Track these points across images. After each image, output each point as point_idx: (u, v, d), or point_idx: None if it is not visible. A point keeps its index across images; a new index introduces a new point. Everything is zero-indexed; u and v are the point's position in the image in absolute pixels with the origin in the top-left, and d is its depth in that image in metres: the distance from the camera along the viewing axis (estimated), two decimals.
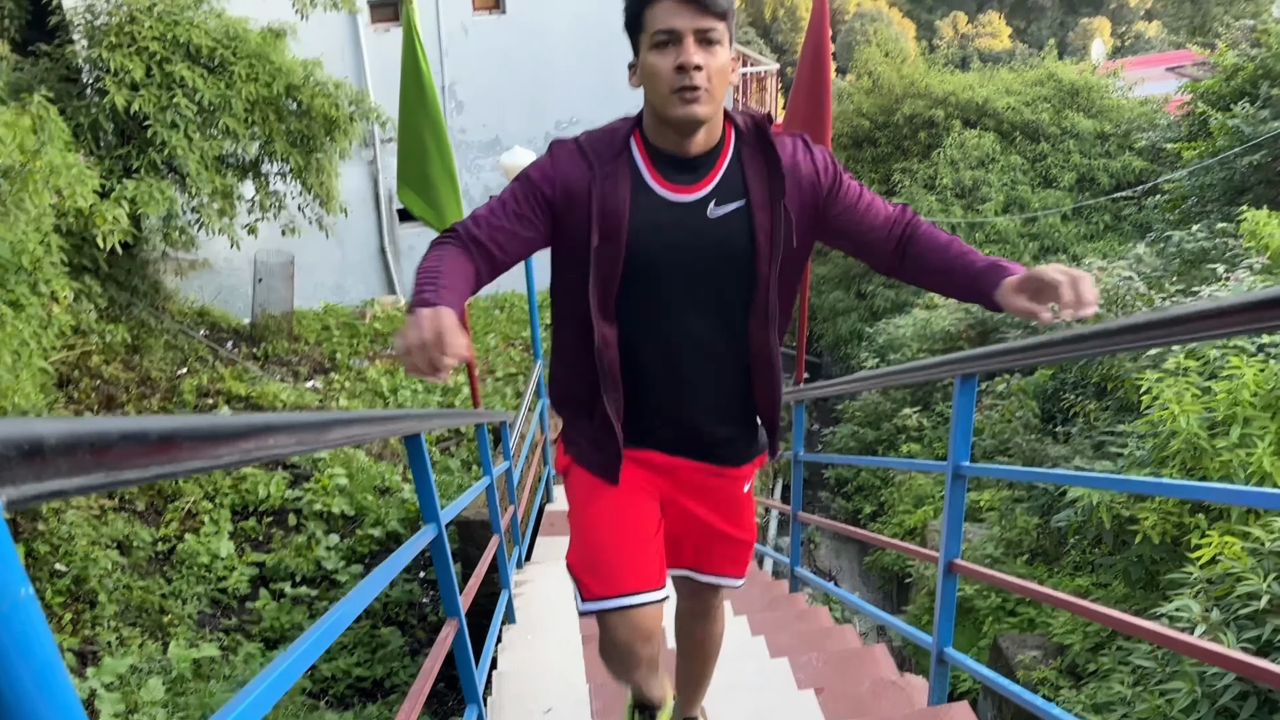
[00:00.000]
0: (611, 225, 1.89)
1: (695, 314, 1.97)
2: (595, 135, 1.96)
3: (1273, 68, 10.91)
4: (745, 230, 1.93)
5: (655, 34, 1.80)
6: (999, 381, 9.00)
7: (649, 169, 1.92)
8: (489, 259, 1.90)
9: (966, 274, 1.92)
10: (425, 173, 4.20)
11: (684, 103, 1.80)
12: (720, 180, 1.93)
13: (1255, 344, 4.87)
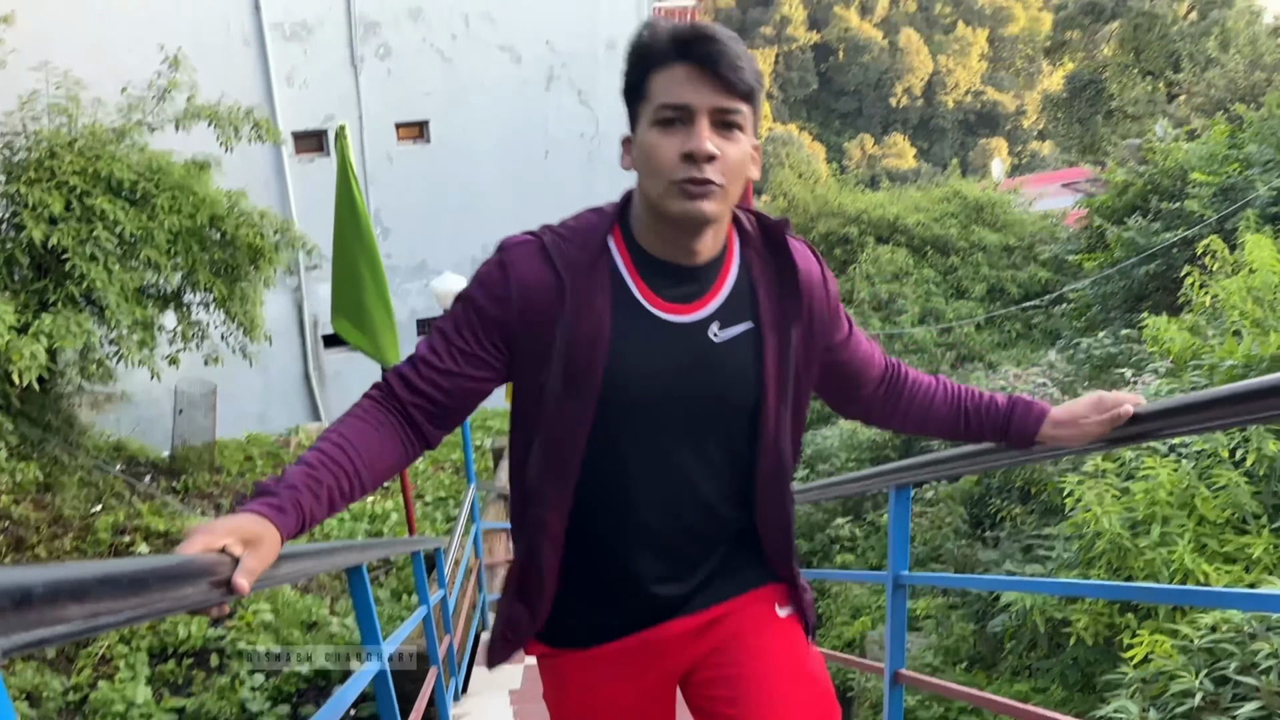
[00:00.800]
0: (584, 360, 1.48)
1: (692, 469, 1.57)
2: (562, 233, 1.53)
3: (1160, 183, 11.60)
4: (754, 360, 1.55)
5: (661, 108, 1.43)
6: (927, 489, 9.14)
7: (635, 280, 1.52)
8: (430, 416, 1.52)
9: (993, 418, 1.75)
10: (360, 300, 4.23)
11: (688, 197, 1.42)
12: (727, 296, 1.55)
13: (1166, 445, 5.05)
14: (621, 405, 1.50)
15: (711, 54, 1.41)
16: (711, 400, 1.54)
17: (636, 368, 1.50)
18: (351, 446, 1.42)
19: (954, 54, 67.62)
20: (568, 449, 1.52)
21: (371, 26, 14.22)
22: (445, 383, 1.51)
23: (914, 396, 1.79)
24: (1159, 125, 14.88)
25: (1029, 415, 1.73)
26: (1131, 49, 25.99)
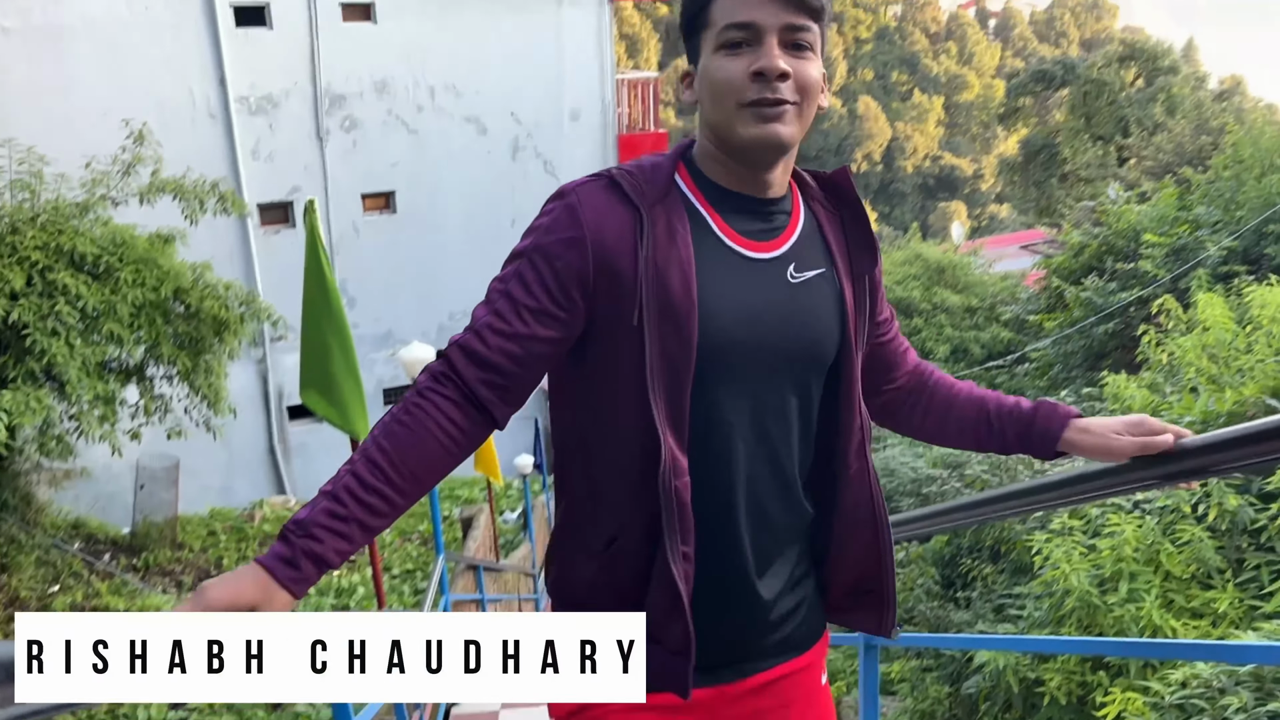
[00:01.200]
0: (677, 298, 1.33)
1: (774, 421, 1.42)
2: (629, 169, 1.40)
3: (1114, 244, 11.88)
4: (833, 305, 1.45)
5: (727, 29, 1.32)
6: (898, 550, 9.15)
7: (710, 212, 1.40)
8: (502, 392, 1.33)
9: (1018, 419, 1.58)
10: (328, 372, 4.23)
11: (761, 120, 1.31)
12: (799, 238, 1.44)
13: (1130, 501, 5.10)
14: (717, 346, 1.35)
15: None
16: (795, 345, 1.41)
17: (726, 304, 1.35)
18: (392, 456, 1.27)
19: (911, 120, 69.24)
20: (684, 374, 1.33)
21: (337, 99, 14.37)
22: (518, 349, 1.33)
23: (936, 396, 1.66)
24: (1111, 188, 15.29)
25: (1054, 417, 1.56)
26: (1082, 115, 26.76)
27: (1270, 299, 6.38)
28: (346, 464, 1.28)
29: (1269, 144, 11.58)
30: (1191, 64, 36.75)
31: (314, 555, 1.21)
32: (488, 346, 1.33)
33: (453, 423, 1.31)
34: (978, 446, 1.66)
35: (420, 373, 1.36)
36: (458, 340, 1.35)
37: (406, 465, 1.27)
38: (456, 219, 15.27)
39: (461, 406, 1.32)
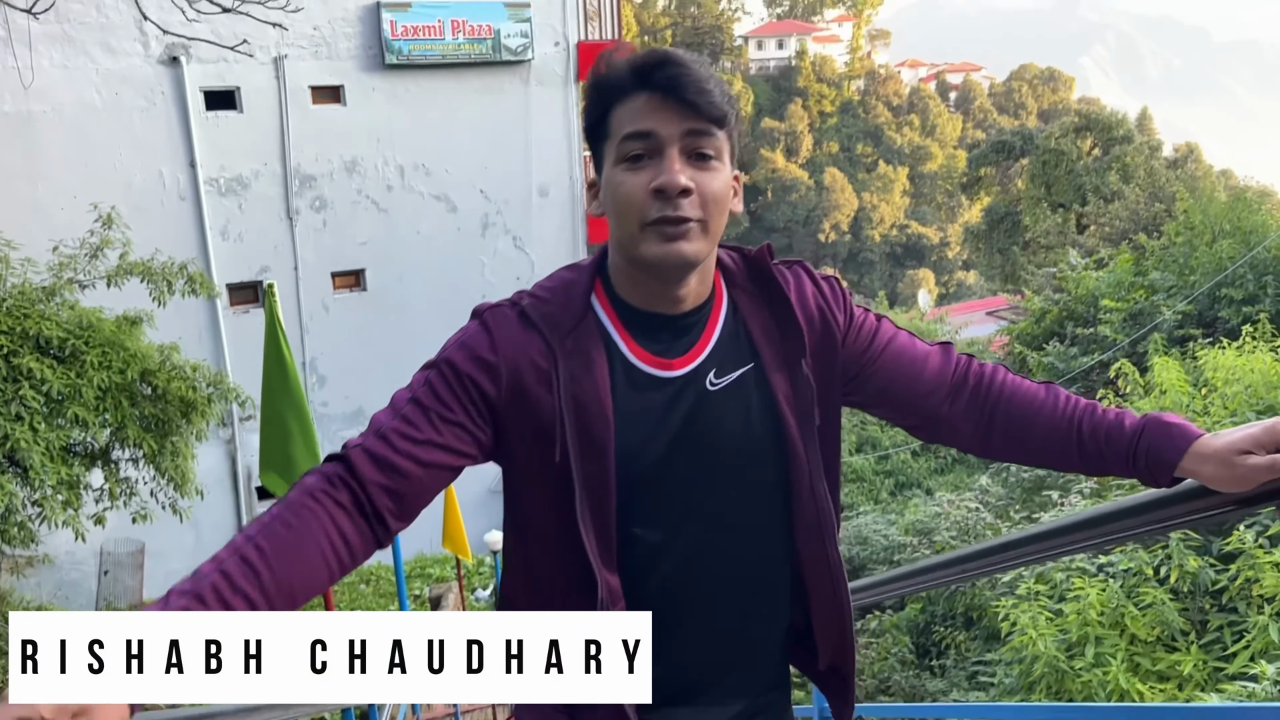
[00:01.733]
0: (595, 428, 1.31)
1: (715, 535, 1.39)
2: (542, 296, 1.37)
3: (1074, 310, 12.10)
4: (761, 399, 1.39)
5: (626, 140, 1.27)
6: (871, 619, 9.12)
7: (623, 337, 1.36)
8: (399, 501, 1.27)
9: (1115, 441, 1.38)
10: (288, 454, 4.24)
11: (664, 240, 1.27)
12: (718, 340, 1.39)
13: (1095, 565, 5.15)
14: (639, 474, 1.33)
15: (675, 78, 1.26)
16: (724, 453, 1.37)
17: (643, 430, 1.33)
18: (269, 559, 1.15)
19: (877, 191, 70.55)
20: (606, 508, 1.32)
21: (307, 179, 14.51)
22: (425, 455, 1.27)
23: (1011, 411, 1.46)
24: (1071, 255, 15.61)
25: (1167, 441, 1.33)
26: (1042, 183, 27.41)
27: (1223, 362, 6.52)
28: (212, 561, 1.15)
29: (1218, 211, 11.91)
30: (1145, 133, 37.80)
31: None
32: (394, 450, 1.26)
33: (342, 535, 1.21)
34: (1067, 467, 1.47)
35: (306, 473, 1.27)
36: (359, 443, 1.28)
37: (284, 573, 1.15)
38: (427, 296, 15.34)
39: (354, 517, 1.23)
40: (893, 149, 73.99)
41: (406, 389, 1.34)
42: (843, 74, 79.60)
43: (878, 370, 1.48)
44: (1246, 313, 9.22)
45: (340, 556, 1.22)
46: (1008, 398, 1.48)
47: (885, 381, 1.49)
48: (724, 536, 1.39)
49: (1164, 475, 1.34)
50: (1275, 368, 6.05)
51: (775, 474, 1.41)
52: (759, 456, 1.39)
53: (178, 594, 1.11)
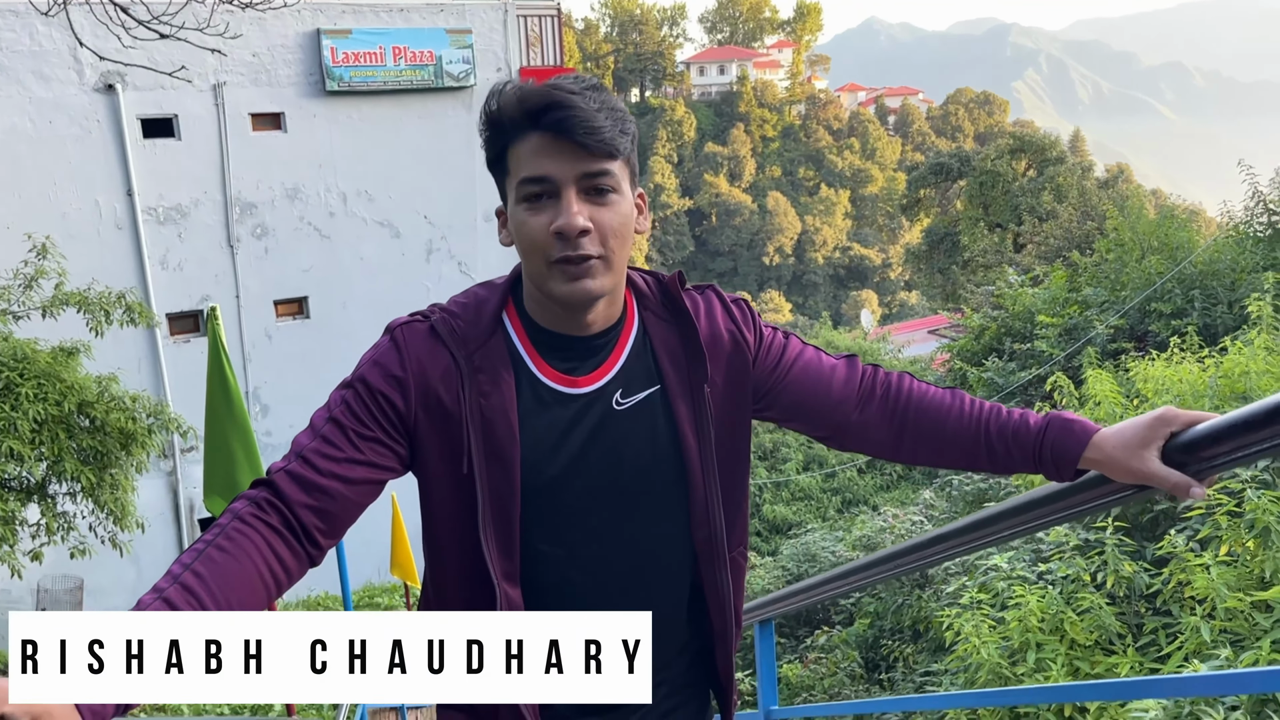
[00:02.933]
0: (501, 442, 1.36)
1: (619, 544, 1.43)
2: (453, 312, 1.42)
3: (1012, 326, 12.37)
4: (665, 422, 1.44)
5: (524, 183, 1.32)
6: (820, 634, 9.19)
7: (531, 355, 1.41)
8: (327, 519, 1.30)
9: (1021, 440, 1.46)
10: (234, 478, 4.21)
11: (569, 278, 1.32)
12: (626, 361, 1.43)
13: (1035, 573, 5.26)
14: (542, 489, 1.39)
15: (563, 120, 1.28)
16: (626, 472, 1.42)
17: (547, 446, 1.38)
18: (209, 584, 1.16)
19: (820, 214, 71.49)
20: (510, 521, 1.37)
21: (248, 207, 14.37)
22: (348, 473, 1.32)
23: (921, 418, 1.54)
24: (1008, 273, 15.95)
25: (1069, 437, 1.42)
26: (979, 204, 27.99)
27: (1153, 373, 6.72)
28: (152, 591, 1.15)
29: (1147, 228, 12.27)
30: (1077, 154, 38.84)
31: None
32: (318, 471, 1.30)
33: (276, 556, 1.24)
34: (976, 468, 1.56)
35: (234, 500, 1.30)
36: (282, 467, 1.32)
37: (225, 596, 1.17)
38: (371, 322, 15.21)
39: (285, 538, 1.26)
40: (834, 172, 75.10)
41: (324, 408, 1.39)
42: (784, 99, 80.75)
43: (788, 386, 1.55)
44: (1175, 325, 9.51)
45: (276, 576, 1.25)
46: (916, 403, 1.56)
47: (796, 396, 1.55)
48: (624, 552, 1.44)
49: (1067, 469, 1.44)
50: (1202, 378, 6.25)
51: (675, 496, 1.46)
52: (659, 478, 1.45)
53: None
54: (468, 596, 1.42)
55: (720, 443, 1.48)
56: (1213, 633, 3.86)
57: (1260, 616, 3.75)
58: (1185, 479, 1.30)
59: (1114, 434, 1.38)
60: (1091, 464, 1.41)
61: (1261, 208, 11.12)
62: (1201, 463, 1.26)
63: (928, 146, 73.43)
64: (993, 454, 1.50)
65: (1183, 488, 1.30)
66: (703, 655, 1.59)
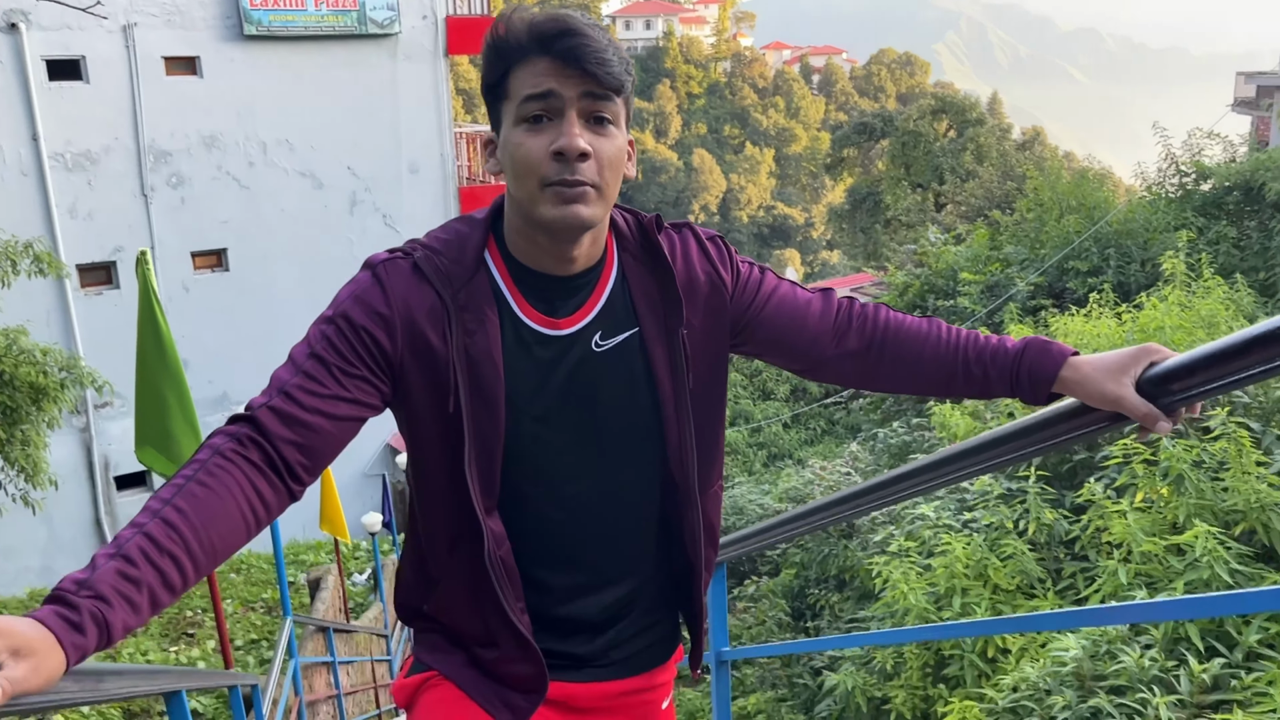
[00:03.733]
0: (486, 381, 1.37)
1: (597, 483, 1.47)
2: (435, 249, 1.40)
3: (935, 283, 12.63)
4: (642, 366, 1.46)
5: (526, 101, 1.30)
6: (749, 584, 9.36)
7: (514, 294, 1.41)
8: (308, 455, 1.29)
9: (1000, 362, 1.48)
10: (167, 428, 4.10)
11: (562, 201, 1.30)
12: (606, 304, 1.44)
13: (960, 521, 5.42)
14: (524, 427, 1.40)
15: (575, 48, 1.29)
16: (605, 413, 1.44)
17: (531, 387, 1.40)
18: (191, 519, 1.15)
19: (745, 172, 71.72)
20: (494, 457, 1.39)
21: (162, 155, 13.88)
22: (332, 409, 1.30)
23: (899, 346, 1.56)
24: (930, 232, 16.23)
25: (1046, 358, 1.44)
26: (901, 164, 28.37)
27: (1072, 327, 6.94)
28: (130, 527, 1.13)
29: (1065, 189, 12.59)
30: (996, 116, 39.52)
31: (101, 621, 1.03)
32: (301, 406, 1.28)
33: (258, 492, 1.23)
34: (953, 392, 1.57)
35: (212, 435, 1.26)
36: (264, 402, 1.29)
37: (207, 533, 1.15)
38: (293, 275, 14.91)
39: (266, 474, 1.25)
40: (759, 131, 75.30)
41: (304, 343, 1.35)
42: (709, 55, 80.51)
43: (764, 320, 1.55)
44: (1091, 283, 9.81)
45: (257, 513, 1.24)
46: (893, 332, 1.57)
47: (772, 330, 1.56)
48: (600, 490, 1.47)
49: (1042, 389, 1.45)
50: (1119, 332, 6.47)
51: (650, 437, 1.49)
52: (636, 419, 1.47)
53: (104, 557, 1.08)
54: (454, 529, 1.45)
55: (696, 385, 1.49)
56: (1129, 576, 4.02)
57: (1174, 560, 3.91)
58: (1154, 410, 1.33)
59: (1093, 358, 1.41)
60: (1066, 385, 1.43)
61: (1174, 170, 11.48)
62: (1173, 395, 1.29)
63: (851, 106, 74.03)
64: (970, 377, 1.51)
65: (1151, 419, 1.33)
66: (674, 585, 1.63)
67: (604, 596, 1.53)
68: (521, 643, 1.47)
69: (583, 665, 1.56)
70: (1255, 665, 3.20)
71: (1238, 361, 1.12)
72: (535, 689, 1.50)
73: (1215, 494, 4.10)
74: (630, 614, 1.58)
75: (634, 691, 1.62)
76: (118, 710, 7.57)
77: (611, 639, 1.57)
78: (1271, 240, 9.91)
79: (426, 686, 1.56)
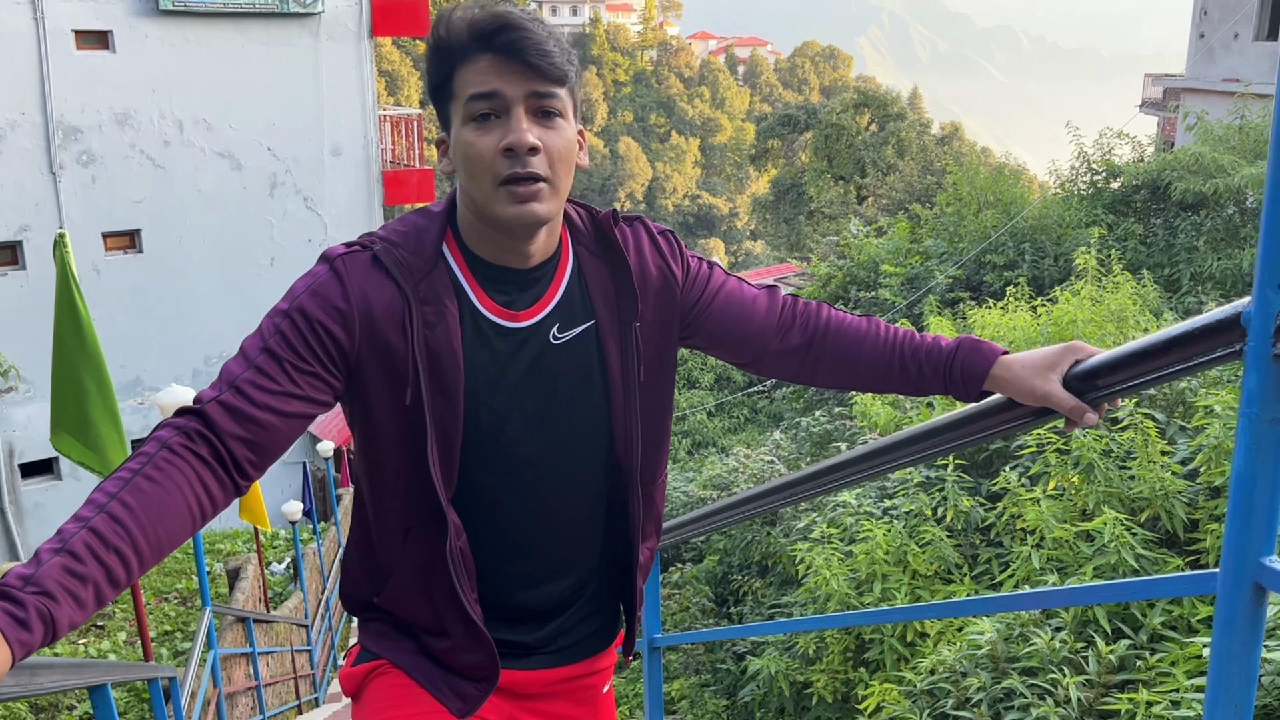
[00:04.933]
0: (447, 373, 1.38)
1: (549, 473, 1.49)
2: (394, 241, 1.39)
3: (857, 275, 12.85)
4: (597, 358, 1.48)
5: (472, 100, 1.31)
6: (673, 571, 9.45)
7: (473, 286, 1.42)
8: (257, 452, 1.28)
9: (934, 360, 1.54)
10: (86, 415, 3.97)
11: (516, 200, 1.32)
12: (563, 296, 1.46)
13: (881, 509, 5.55)
14: (482, 418, 1.41)
15: (515, 42, 1.30)
16: (560, 404, 1.46)
17: (489, 379, 1.41)
18: (138, 515, 1.14)
19: (670, 161, 71.89)
20: (453, 448, 1.40)
21: (71, 132, 13.40)
22: (282, 406, 1.29)
23: (839, 344, 1.60)
24: (852, 224, 16.49)
25: (977, 357, 1.50)
26: (824, 156, 28.75)
27: (989, 320, 7.14)
28: (74, 521, 1.11)
29: (982, 184, 12.91)
30: (916, 111, 40.27)
31: (48, 618, 1.03)
32: (252, 403, 1.27)
33: (205, 488, 1.22)
34: (889, 389, 1.62)
35: (159, 427, 1.25)
36: (214, 396, 1.27)
37: (154, 528, 1.14)
38: (210, 258, 14.54)
39: (214, 470, 1.24)
40: (684, 120, 75.52)
41: (256, 336, 1.34)
42: (636, 43, 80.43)
43: (711, 314, 1.59)
44: (1007, 276, 10.09)
45: (204, 509, 1.23)
46: (834, 330, 1.62)
47: (719, 325, 1.60)
48: (551, 479, 1.49)
49: (974, 387, 1.51)
50: (1034, 325, 6.68)
51: (599, 429, 1.51)
52: (587, 411, 1.49)
53: (48, 551, 1.07)
54: (408, 520, 1.47)
55: (647, 377, 1.52)
56: (1041, 560, 4.17)
57: (1084, 545, 4.06)
58: (1081, 404, 1.38)
59: (1022, 356, 1.47)
60: (997, 382, 1.48)
61: (1085, 168, 11.84)
62: (1098, 390, 1.36)
63: (775, 98, 74.71)
64: (905, 375, 1.57)
65: (1078, 412, 1.39)
66: (616, 574, 1.66)
67: (553, 585, 1.56)
68: (474, 632, 1.48)
69: (530, 653, 1.58)
70: (1159, 646, 3.35)
71: (1157, 360, 1.20)
72: (487, 677, 1.52)
73: (1123, 482, 4.27)
74: (577, 602, 1.61)
75: (577, 677, 1.65)
76: (24, 705, 7.34)
77: (558, 626, 1.59)
78: (1176, 238, 10.30)
79: (375, 675, 1.56)
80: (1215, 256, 9.70)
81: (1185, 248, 10.07)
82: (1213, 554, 3.77)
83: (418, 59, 61.59)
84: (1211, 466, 4.01)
